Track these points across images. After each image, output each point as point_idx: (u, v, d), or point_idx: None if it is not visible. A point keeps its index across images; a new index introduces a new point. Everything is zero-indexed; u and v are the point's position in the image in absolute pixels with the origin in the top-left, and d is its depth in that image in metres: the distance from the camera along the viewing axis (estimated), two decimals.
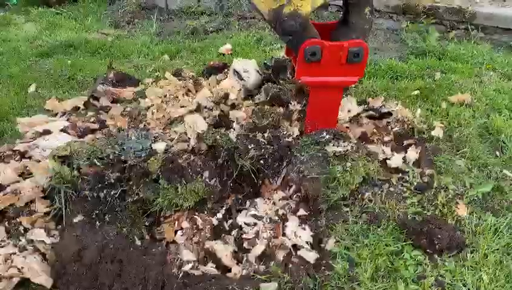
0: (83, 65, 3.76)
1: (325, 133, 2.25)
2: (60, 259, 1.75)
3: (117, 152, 2.12)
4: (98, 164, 2.04)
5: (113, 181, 1.97)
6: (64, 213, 1.92)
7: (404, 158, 2.44)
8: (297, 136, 2.52)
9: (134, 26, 4.79)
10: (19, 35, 4.50)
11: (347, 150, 2.18)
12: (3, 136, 2.76)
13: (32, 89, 3.37)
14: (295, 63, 2.24)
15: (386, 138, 2.57)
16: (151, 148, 2.18)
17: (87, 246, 1.78)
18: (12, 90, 3.36)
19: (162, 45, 4.17)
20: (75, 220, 1.90)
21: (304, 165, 2.18)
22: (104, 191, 1.95)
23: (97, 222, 1.91)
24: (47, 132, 2.51)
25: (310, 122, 2.36)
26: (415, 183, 2.30)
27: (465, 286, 1.82)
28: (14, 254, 1.83)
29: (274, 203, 2.23)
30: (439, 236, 1.98)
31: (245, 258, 1.98)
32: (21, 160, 2.33)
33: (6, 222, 1.96)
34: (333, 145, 2.22)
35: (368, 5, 2.21)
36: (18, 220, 1.95)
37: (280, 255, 2.00)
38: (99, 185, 1.95)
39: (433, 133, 2.62)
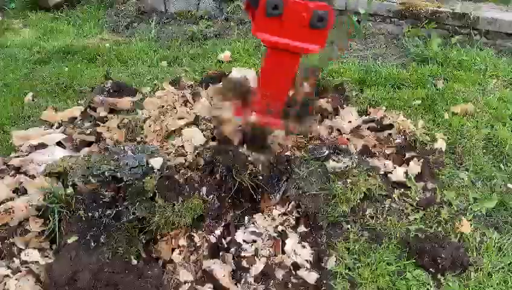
0: (81, 73, 3.72)
1: (324, 149, 2.20)
2: (54, 283, 1.71)
3: (113, 168, 2.07)
4: (93, 181, 2.00)
5: (108, 200, 1.93)
6: (58, 234, 1.87)
7: (406, 172, 2.39)
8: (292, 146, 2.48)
9: (132, 31, 4.74)
10: (16, 41, 4.46)
11: (347, 166, 2.13)
12: None
13: (28, 98, 3.33)
14: (252, 18, 2.01)
15: (388, 151, 2.53)
16: (148, 164, 2.13)
17: (81, 269, 1.74)
18: (9, 99, 3.32)
19: (161, 51, 4.13)
20: (69, 241, 1.85)
21: (303, 181, 2.13)
22: (99, 211, 1.90)
23: (92, 243, 1.86)
24: (42, 146, 2.46)
25: (261, 94, 2.20)
26: (418, 199, 2.26)
27: None
28: (7, 276, 1.78)
29: (273, 219, 2.19)
30: (443, 255, 1.94)
31: (244, 279, 1.94)
32: (15, 175, 2.29)
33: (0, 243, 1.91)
34: (333, 160, 2.17)
35: None
36: (11, 240, 1.91)
37: (279, 274, 1.96)
38: (94, 204, 1.91)
39: (435, 145, 2.57)
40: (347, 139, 2.54)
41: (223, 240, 2.12)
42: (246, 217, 2.20)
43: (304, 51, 2.01)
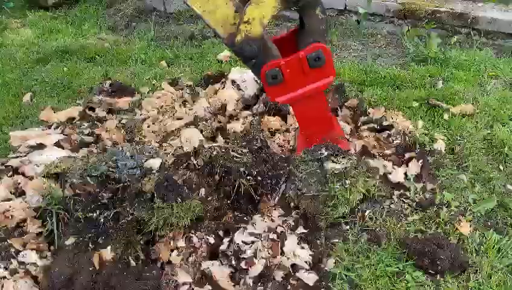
0: (79, 72, 3.71)
1: (323, 150, 2.19)
2: (52, 284, 1.70)
3: (111, 169, 2.07)
4: (92, 182, 2.00)
5: (106, 201, 1.92)
6: (56, 235, 1.87)
7: (405, 173, 2.39)
8: (292, 146, 2.48)
9: (131, 31, 4.73)
10: (14, 41, 4.45)
11: (346, 167, 2.13)
12: None
13: (27, 98, 3.32)
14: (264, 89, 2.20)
15: (387, 151, 2.52)
16: (146, 165, 2.13)
17: (79, 271, 1.73)
18: (7, 99, 3.31)
19: (160, 51, 4.12)
20: (67, 243, 1.85)
21: (302, 182, 2.13)
22: (97, 212, 1.90)
23: (90, 244, 1.86)
24: (40, 146, 2.46)
25: (308, 137, 2.29)
26: (417, 200, 2.25)
27: None
28: (5, 278, 1.78)
29: (272, 220, 2.19)
30: (442, 256, 1.93)
31: (243, 280, 1.93)
32: (13, 176, 2.29)
33: None
34: (332, 161, 2.16)
35: (318, 5, 2.09)
36: (9, 241, 1.90)
37: (278, 275, 1.95)
38: (92, 205, 1.91)
39: (435, 146, 2.57)
40: (347, 139, 2.54)
41: (221, 241, 2.11)
42: (245, 218, 2.19)
43: (321, 89, 2.12)
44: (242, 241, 2.09)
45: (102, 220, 1.90)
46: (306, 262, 2.00)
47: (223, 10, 1.96)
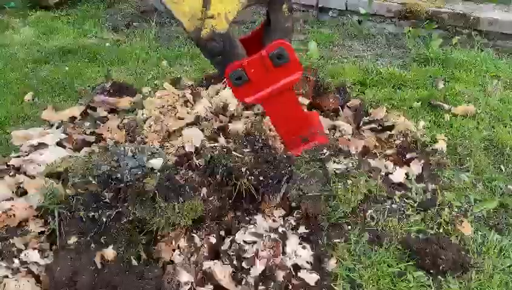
0: (81, 72, 3.71)
1: (325, 150, 2.19)
2: (54, 284, 1.70)
3: (113, 169, 2.07)
4: (94, 182, 2.00)
5: (108, 201, 1.92)
6: (58, 235, 1.87)
7: (406, 173, 2.39)
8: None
9: (133, 30, 4.74)
10: (16, 40, 4.45)
11: (348, 167, 2.13)
12: None
13: (28, 97, 3.32)
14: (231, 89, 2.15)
15: (388, 152, 2.52)
16: (148, 164, 2.13)
17: (81, 270, 1.73)
18: (9, 99, 3.32)
19: (161, 51, 4.12)
20: (69, 242, 1.85)
21: (304, 182, 2.13)
22: (99, 212, 1.90)
23: (92, 244, 1.86)
24: (42, 146, 2.46)
25: (286, 136, 2.25)
26: (418, 200, 2.26)
27: None
28: (7, 277, 1.78)
29: (274, 220, 2.19)
30: (443, 256, 1.94)
31: (244, 280, 1.93)
32: (15, 175, 2.29)
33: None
34: (334, 162, 2.17)
35: (285, 1, 2.02)
36: (11, 241, 1.90)
37: (280, 275, 1.95)
38: (94, 205, 1.91)
39: (436, 146, 2.58)
40: (348, 140, 2.54)
41: (223, 241, 2.11)
42: (247, 218, 2.19)
43: (288, 86, 2.06)
44: (243, 241, 2.09)
45: (104, 219, 1.89)
46: (307, 262, 2.00)
47: (190, 3, 1.89)
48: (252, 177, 2.14)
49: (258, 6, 4.94)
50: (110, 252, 1.87)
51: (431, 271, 1.93)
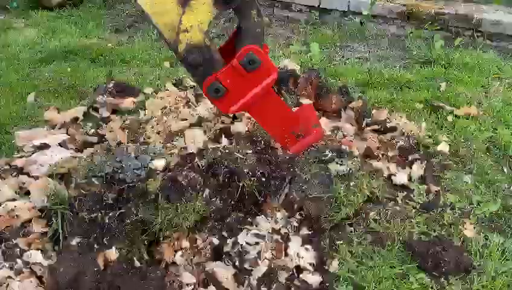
0: (83, 73, 3.72)
1: (328, 151, 2.19)
2: (56, 284, 1.71)
3: (116, 169, 2.07)
4: (97, 182, 2.00)
5: (111, 202, 1.93)
6: (61, 235, 1.87)
7: (409, 174, 2.39)
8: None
9: (135, 31, 4.74)
10: (18, 41, 4.45)
11: (351, 169, 2.13)
12: (1, 148, 2.73)
13: (31, 98, 3.33)
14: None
15: (391, 153, 2.52)
16: (151, 165, 2.13)
17: (84, 271, 1.74)
18: (11, 99, 3.32)
19: (163, 52, 4.12)
20: (72, 243, 1.85)
21: (306, 184, 2.13)
22: (102, 212, 1.90)
23: (95, 245, 1.86)
24: (45, 146, 2.46)
25: (279, 137, 2.25)
26: (421, 202, 2.26)
27: None
28: (10, 277, 1.78)
29: (276, 222, 2.19)
30: (446, 258, 1.94)
31: (247, 281, 1.94)
32: (18, 176, 2.29)
33: (2, 244, 1.91)
34: (336, 163, 2.17)
35: (254, 7, 1.94)
36: (14, 241, 1.90)
37: (282, 277, 1.95)
38: (97, 205, 1.91)
39: (438, 147, 2.58)
40: (350, 141, 2.54)
41: (225, 242, 2.11)
42: (249, 220, 2.19)
43: (267, 88, 2.00)
44: (246, 243, 2.09)
45: (107, 220, 1.90)
46: (310, 264, 2.00)
47: (171, 16, 1.89)
48: (255, 179, 2.15)
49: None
50: (112, 253, 1.88)
51: (433, 273, 1.93)
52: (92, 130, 2.73)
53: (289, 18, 4.87)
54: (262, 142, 2.32)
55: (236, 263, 2.00)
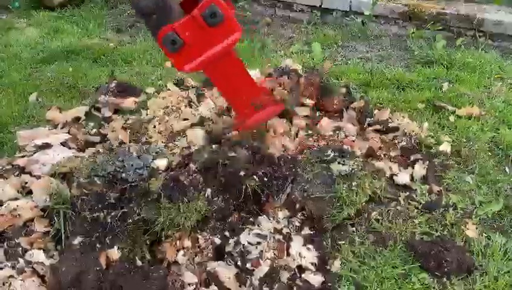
0: (85, 72, 3.72)
1: (329, 151, 2.19)
2: (59, 284, 1.71)
3: (118, 169, 2.08)
4: (99, 182, 2.00)
5: (113, 201, 1.93)
6: (63, 235, 1.88)
7: (411, 174, 2.39)
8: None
9: (137, 31, 4.74)
10: (20, 41, 4.46)
11: (353, 169, 2.13)
12: (3, 148, 2.73)
13: (33, 97, 3.33)
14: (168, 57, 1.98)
15: (393, 153, 2.52)
16: (153, 165, 2.13)
17: (86, 270, 1.74)
18: (13, 99, 3.33)
19: None
20: (74, 242, 1.86)
21: (308, 183, 2.13)
22: (104, 212, 1.90)
23: (97, 244, 1.86)
24: (47, 146, 2.46)
25: (237, 105, 2.13)
26: (423, 202, 2.25)
27: None
28: (12, 277, 1.78)
29: (278, 222, 2.19)
30: (448, 258, 1.93)
31: (248, 281, 1.93)
32: (20, 175, 2.29)
33: (5, 243, 1.91)
34: (338, 163, 2.16)
35: None
36: (16, 240, 1.91)
37: (284, 277, 1.95)
38: (99, 205, 1.91)
39: (440, 148, 2.57)
40: (352, 141, 2.54)
41: (227, 242, 2.11)
42: (251, 219, 2.19)
43: (229, 48, 1.92)
44: (248, 242, 2.09)
45: (109, 220, 1.90)
46: (312, 263, 2.00)
47: None
48: (257, 178, 2.15)
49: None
50: (115, 253, 1.88)
51: (436, 273, 1.93)
52: (94, 130, 2.74)
53: (291, 18, 4.86)
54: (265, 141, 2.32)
55: (238, 263, 2.00)
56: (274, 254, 2.03)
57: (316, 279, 1.91)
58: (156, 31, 1.84)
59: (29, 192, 2.17)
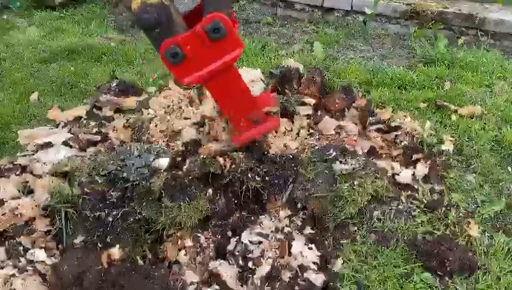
0: (86, 72, 3.72)
1: (331, 150, 2.19)
2: (60, 283, 1.71)
3: (119, 168, 2.07)
4: (100, 181, 2.00)
5: (114, 201, 1.93)
6: (64, 234, 1.87)
7: (413, 174, 2.38)
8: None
9: (138, 30, 4.74)
10: (21, 40, 4.46)
11: (354, 168, 2.12)
12: (4, 147, 2.73)
13: (34, 97, 3.33)
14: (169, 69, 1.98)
15: (395, 152, 2.51)
16: (154, 164, 2.13)
17: (87, 269, 1.74)
18: (14, 98, 3.33)
19: None
20: (75, 241, 1.85)
21: (310, 183, 2.12)
22: (106, 211, 1.90)
23: (98, 243, 1.86)
24: (48, 145, 2.46)
25: (235, 119, 2.12)
26: (425, 201, 2.25)
27: None
28: (14, 275, 1.78)
29: (280, 221, 2.18)
30: (450, 258, 1.93)
31: (250, 280, 1.93)
32: (22, 174, 2.29)
33: (6, 242, 1.91)
34: (340, 162, 2.16)
35: None
36: (18, 239, 1.91)
37: (286, 276, 1.95)
38: (101, 204, 1.91)
39: (442, 147, 2.56)
40: (354, 140, 2.53)
41: (229, 241, 2.11)
42: (252, 218, 2.19)
43: (229, 64, 1.93)
44: (249, 241, 2.09)
45: (110, 219, 1.90)
46: (313, 263, 1.99)
47: None
48: (258, 178, 2.14)
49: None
50: (116, 252, 1.88)
51: (438, 272, 1.92)
52: (95, 129, 2.73)
53: (292, 17, 4.86)
54: (267, 140, 2.32)
55: (240, 262, 2.00)
56: (276, 253, 2.03)
57: (317, 278, 1.91)
58: (157, 43, 1.85)
59: (31, 191, 2.18)
